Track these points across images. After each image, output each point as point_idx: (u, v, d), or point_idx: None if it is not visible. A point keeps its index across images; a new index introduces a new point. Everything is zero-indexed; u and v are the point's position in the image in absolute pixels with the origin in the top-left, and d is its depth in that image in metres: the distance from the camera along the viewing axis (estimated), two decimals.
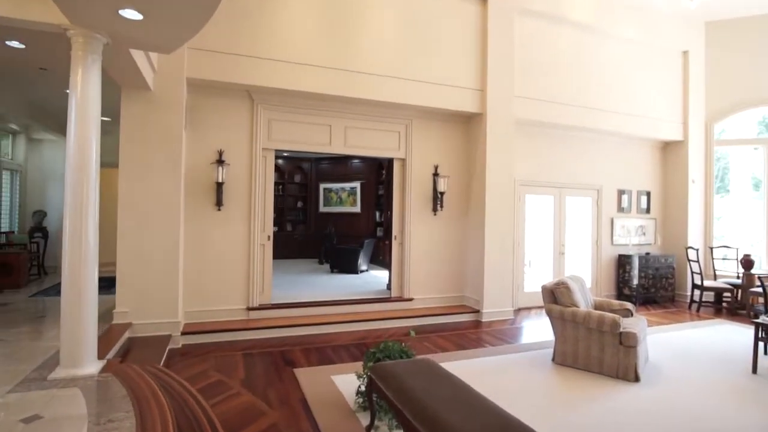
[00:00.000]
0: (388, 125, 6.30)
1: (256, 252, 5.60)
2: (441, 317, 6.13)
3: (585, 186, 7.73)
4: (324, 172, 12.03)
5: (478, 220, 6.43)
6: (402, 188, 6.45)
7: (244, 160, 5.55)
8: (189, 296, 5.28)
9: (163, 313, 4.79)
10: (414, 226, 6.41)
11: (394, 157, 6.41)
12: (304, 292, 7.00)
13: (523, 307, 7.08)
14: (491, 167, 6.31)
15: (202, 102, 5.37)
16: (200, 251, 5.35)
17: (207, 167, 5.32)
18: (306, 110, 5.82)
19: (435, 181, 6.49)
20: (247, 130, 5.57)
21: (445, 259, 6.62)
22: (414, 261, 6.41)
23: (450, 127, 6.66)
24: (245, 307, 5.53)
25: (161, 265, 4.77)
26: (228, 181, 5.43)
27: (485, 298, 6.27)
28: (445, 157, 6.61)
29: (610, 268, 7.98)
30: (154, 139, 4.77)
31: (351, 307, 6.01)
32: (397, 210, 6.46)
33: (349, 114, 6.04)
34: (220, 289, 5.43)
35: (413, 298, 6.36)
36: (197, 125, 5.34)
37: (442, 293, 6.60)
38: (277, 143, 5.74)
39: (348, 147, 6.10)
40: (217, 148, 5.40)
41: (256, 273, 5.60)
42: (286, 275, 8.81)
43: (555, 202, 7.51)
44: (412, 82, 5.94)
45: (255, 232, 5.57)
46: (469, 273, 6.62)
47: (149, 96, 4.75)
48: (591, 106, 7.20)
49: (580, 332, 4.28)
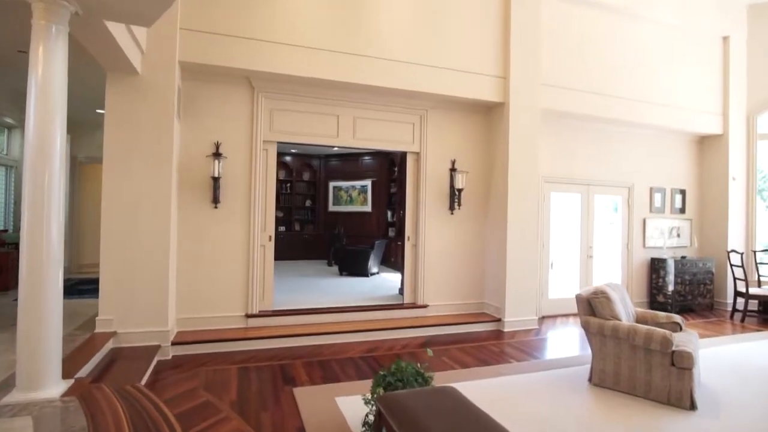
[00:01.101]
0: (401, 116, 5.77)
1: (257, 254, 5.11)
2: (459, 326, 5.58)
3: (615, 183, 7.11)
4: (333, 170, 11.54)
5: (499, 219, 5.86)
6: (416, 185, 5.92)
7: (244, 153, 5.07)
8: (182, 302, 4.82)
9: (152, 322, 4.32)
10: (429, 226, 5.87)
11: (407, 151, 5.87)
12: (309, 296, 6.51)
13: (547, 315, 6.50)
14: (514, 162, 5.74)
15: (198, 89, 4.91)
16: (195, 253, 4.88)
17: (202, 161, 4.85)
18: (311, 99, 5.32)
19: (452, 177, 5.94)
20: (247, 121, 5.09)
21: (462, 263, 6.07)
22: (429, 264, 5.87)
23: (469, 119, 6.11)
24: (244, 314, 5.05)
25: (150, 268, 4.31)
26: (226, 177, 4.95)
27: (507, 306, 5.70)
28: (463, 151, 6.06)
29: (641, 272, 7.34)
30: (143, 129, 4.31)
31: (360, 315, 5.49)
32: (411, 208, 5.93)
33: (358, 103, 5.53)
34: (217, 294, 4.96)
35: (428, 305, 5.82)
36: (192, 115, 4.88)
37: (460, 300, 6.04)
38: (279, 135, 5.25)
39: (357, 139, 5.59)
40: (213, 140, 4.93)
41: (256, 277, 5.11)
42: (292, 278, 8.34)
43: (582, 200, 6.90)
44: (427, 68, 5.40)
45: (255, 232, 5.09)
46: (489, 278, 6.06)
47: (137, 81, 4.29)
48: (622, 95, 6.58)
49: (623, 349, 3.70)
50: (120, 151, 4.26)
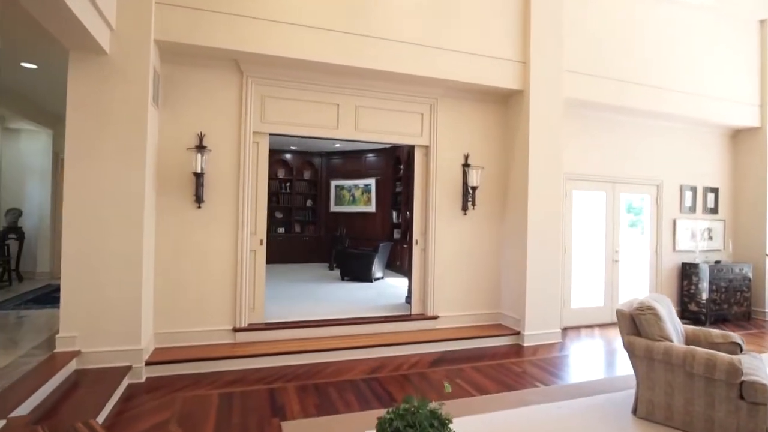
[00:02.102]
0: (409, 105, 5.17)
1: (246, 260, 4.53)
2: (473, 341, 4.97)
3: (642, 181, 6.48)
4: (336, 168, 10.96)
5: (518, 221, 5.25)
6: (425, 182, 5.32)
7: (231, 146, 4.50)
8: (160, 315, 4.25)
9: (122, 339, 3.75)
10: (439, 229, 5.27)
11: (415, 145, 5.28)
12: (307, 306, 5.92)
13: (570, 327, 5.87)
14: (535, 157, 5.13)
15: (179, 74, 4.33)
16: (175, 259, 4.31)
17: (183, 155, 4.27)
18: (308, 85, 4.74)
19: (465, 174, 5.34)
20: (235, 110, 4.51)
21: (476, 269, 5.46)
22: (439, 270, 5.27)
23: (484, 108, 5.50)
24: (231, 327, 4.47)
25: (120, 277, 3.74)
26: (211, 173, 4.38)
27: (528, 317, 5.09)
28: (477, 145, 5.46)
29: (671, 279, 6.70)
30: (112, 118, 3.74)
31: (363, 328, 4.89)
32: (419, 209, 5.33)
33: (360, 90, 4.94)
34: (200, 306, 4.38)
35: (438, 316, 5.22)
36: (172, 103, 4.31)
37: (474, 310, 5.44)
38: (271, 126, 4.67)
39: (360, 131, 5.00)
40: (196, 130, 4.35)
41: (246, 285, 4.53)
42: (289, 284, 7.76)
43: (607, 199, 6.28)
44: (438, 50, 4.80)
45: (244, 236, 4.51)
46: (507, 286, 5.45)
47: (105, 62, 3.72)
48: (650, 83, 5.93)
49: (677, 377, 3.08)
50: (85, 143, 3.69)
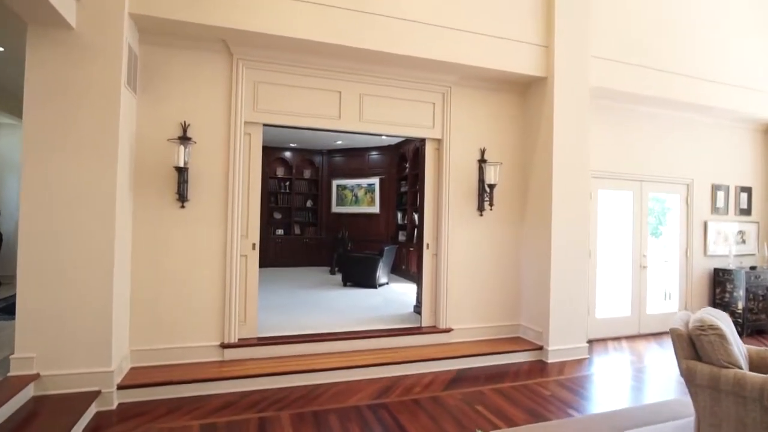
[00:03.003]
0: (419, 94, 4.65)
1: (236, 266, 4.01)
2: (492, 357, 4.43)
3: (671, 179, 5.94)
4: (337, 167, 10.44)
5: (540, 223, 4.72)
6: (437, 180, 4.79)
7: (220, 137, 3.98)
8: (138, 330, 3.73)
9: (90, 360, 3.23)
10: (453, 231, 4.74)
11: (426, 138, 4.75)
12: (306, 316, 5.39)
13: (595, 339, 5.33)
14: (560, 152, 4.60)
15: (160, 56, 3.82)
16: (154, 265, 3.79)
17: (164, 147, 3.76)
18: (306, 70, 4.22)
19: (481, 171, 4.81)
20: (224, 97, 4.00)
21: (494, 277, 4.93)
22: (453, 278, 4.74)
23: (501, 98, 4.97)
24: (218, 343, 3.94)
25: (87, 287, 3.22)
26: (196, 167, 3.86)
27: (552, 331, 4.55)
28: (494, 139, 4.93)
29: (702, 286, 6.16)
30: (79, 104, 3.22)
31: (368, 343, 4.36)
32: (430, 209, 4.80)
33: (365, 77, 4.42)
34: (184, 319, 3.86)
35: (452, 329, 4.68)
36: (152, 89, 3.79)
37: (490, 322, 4.91)
38: (265, 115, 4.15)
39: (364, 122, 4.47)
40: (179, 120, 3.84)
41: (236, 295, 4.01)
42: (287, 290, 7.23)
43: (635, 199, 5.74)
44: (452, 31, 4.28)
45: (234, 239, 3.99)
46: (527, 295, 4.92)
47: (70, 38, 3.21)
48: (683, 72, 5.39)
49: (751, 413, 2.54)
50: (46, 133, 3.17)
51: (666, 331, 5.86)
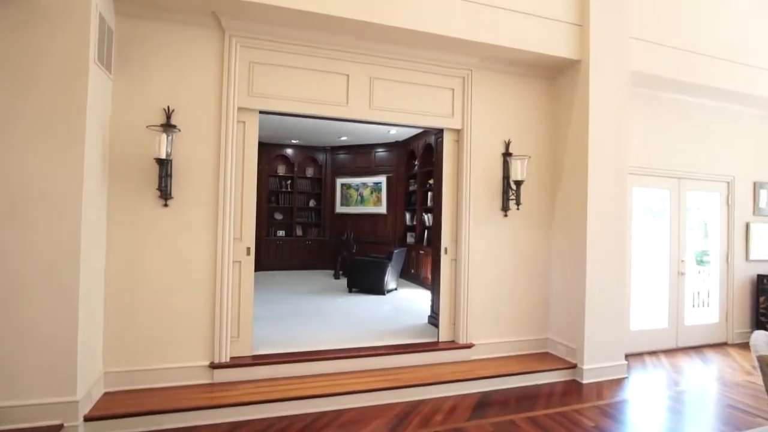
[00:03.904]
0: (437, 78, 4.12)
1: (228, 274, 3.48)
2: (519, 378, 3.89)
3: (710, 176, 5.38)
4: (342, 165, 9.90)
5: (573, 225, 4.17)
6: (456, 175, 4.25)
7: (209, 125, 3.45)
8: (113, 349, 3.20)
9: (51, 387, 2.70)
10: (474, 234, 4.20)
11: (444, 128, 4.21)
12: (308, 328, 4.86)
13: (630, 354, 4.77)
14: (596, 145, 4.05)
15: (140, 31, 3.30)
16: (132, 274, 3.26)
17: (145, 135, 3.23)
18: (309, 49, 3.69)
19: (506, 165, 4.27)
20: (214, 79, 3.47)
21: (519, 284, 4.39)
22: (475, 287, 4.20)
23: (528, 84, 4.43)
24: (207, 363, 3.41)
25: (47, 300, 2.70)
26: (181, 160, 3.34)
27: (587, 346, 4.00)
28: (520, 130, 4.39)
29: (743, 293, 5.59)
30: (37, 83, 2.70)
31: (380, 361, 3.83)
32: (449, 209, 4.26)
33: (376, 57, 3.88)
34: (167, 335, 3.33)
35: (473, 344, 4.14)
36: (131, 68, 3.27)
37: (515, 336, 4.36)
38: (262, 101, 3.62)
39: (375, 110, 3.94)
40: (162, 104, 3.31)
41: (228, 308, 3.48)
42: (287, 297, 6.70)
43: (671, 198, 5.19)
44: (474, 5, 3.74)
45: (226, 243, 3.46)
46: (558, 306, 4.37)
47: (27, 5, 2.69)
48: (728, 57, 4.83)
49: None
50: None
51: (706, 344, 5.31)
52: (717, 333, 5.40)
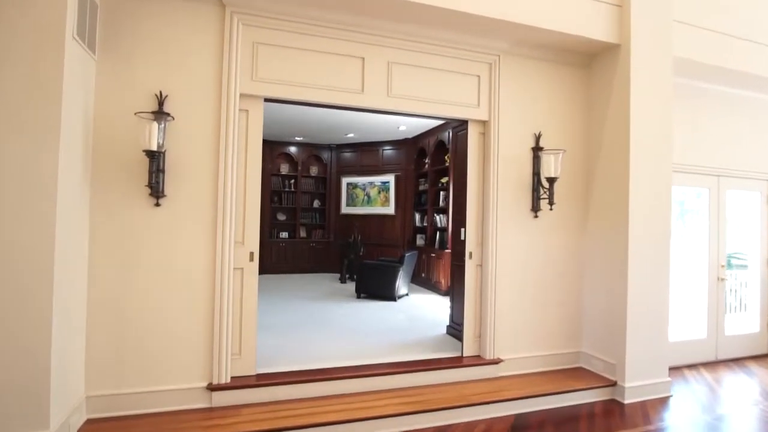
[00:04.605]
0: (462, 63, 3.71)
1: (229, 282, 3.07)
2: (555, 398, 3.47)
3: (749, 174, 4.96)
4: (348, 163, 9.50)
5: (612, 227, 3.76)
6: (481, 172, 3.84)
7: (207, 114, 3.04)
8: (97, 369, 2.79)
9: (19, 419, 2.29)
10: (502, 237, 3.79)
11: (469, 119, 3.80)
12: (315, 337, 4.45)
13: (670, 366, 4.34)
14: (639, 140, 3.64)
15: (129, 6, 2.89)
16: (120, 283, 2.85)
17: (134, 124, 2.82)
18: (321, 29, 3.28)
19: (536, 161, 3.86)
20: (213, 61, 3.06)
21: (550, 293, 3.97)
22: (503, 296, 3.78)
23: (560, 72, 4.02)
24: (205, 385, 3.00)
25: (10, 318, 2.29)
26: (176, 153, 2.94)
27: (629, 362, 3.59)
28: (551, 122, 3.98)
29: None
30: (4, 59, 2.30)
31: (398, 380, 3.41)
32: (474, 209, 3.85)
33: (395, 40, 3.47)
34: (159, 353, 2.92)
35: (501, 360, 3.73)
36: (118, 47, 2.86)
37: (546, 349, 3.95)
38: (267, 86, 3.20)
39: (393, 98, 3.52)
40: (153, 89, 2.91)
41: (228, 321, 3.07)
42: (291, 302, 6.29)
43: (710, 197, 4.77)
44: None
45: (227, 247, 3.05)
46: (592, 316, 3.96)
47: None
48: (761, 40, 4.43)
49: None
50: None
51: (748, 356, 4.89)
52: (759, 343, 4.99)
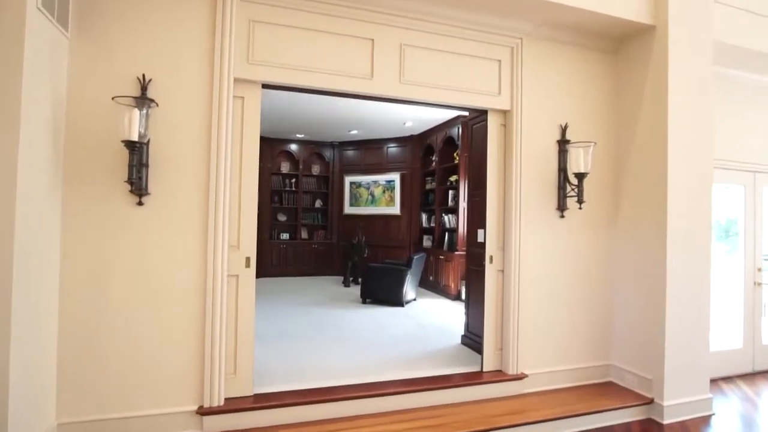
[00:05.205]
0: (482, 47, 3.35)
1: (222, 292, 2.71)
2: (584, 419, 3.11)
3: None
4: (351, 161, 9.14)
5: (647, 228, 3.39)
6: (503, 167, 3.48)
7: (197, 101, 2.69)
8: (70, 391, 2.44)
9: None
10: (526, 239, 3.43)
11: (489, 109, 3.44)
12: (318, 349, 4.09)
13: None
14: (677, 133, 3.27)
15: None
16: (97, 293, 2.50)
17: (112, 111, 2.47)
18: (325, 6, 2.92)
19: (562, 155, 3.51)
20: (204, 41, 2.71)
21: (578, 300, 3.61)
22: (527, 304, 3.42)
23: (586, 57, 3.66)
24: (195, 408, 2.64)
25: None
26: (160, 144, 2.58)
27: (667, 377, 3.23)
28: (578, 112, 3.62)
29: None
30: None
31: (412, 399, 3.05)
32: (494, 208, 3.49)
33: (408, 19, 3.12)
34: (142, 373, 2.57)
35: (525, 375, 3.36)
36: (95, 24, 2.51)
37: (573, 362, 3.58)
38: (265, 70, 2.85)
39: (406, 84, 3.16)
40: (135, 72, 2.55)
41: (222, 335, 2.71)
42: (292, 308, 5.93)
43: (746, 196, 4.41)
44: None
45: (219, 251, 2.69)
46: (623, 326, 3.59)
47: None
48: None
49: None
50: None
51: None
52: None
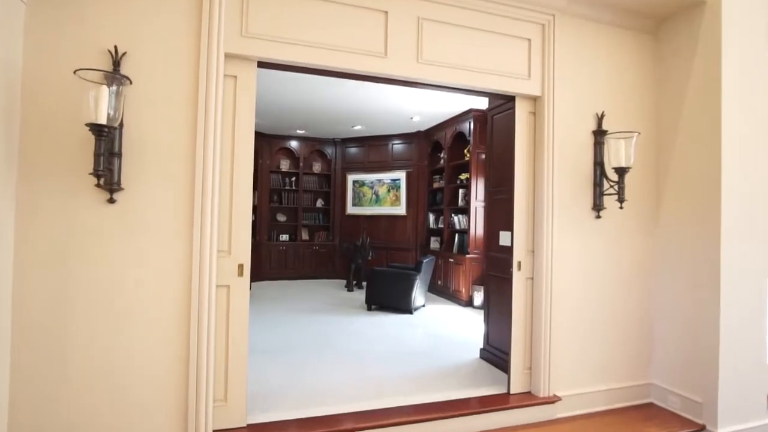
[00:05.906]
0: (509, 23, 2.94)
1: (210, 305, 2.29)
2: None
3: None
4: (354, 159, 8.73)
5: (697, 228, 2.98)
6: (532, 161, 3.08)
7: (181, 80, 2.28)
8: (26, 426, 2.02)
9: None
10: (558, 243, 3.02)
11: (517, 94, 3.03)
12: (320, 366, 3.68)
13: None
14: (733, 122, 2.86)
15: None
16: (60, 310, 2.08)
17: (80, 90, 2.06)
18: None
19: (598, 147, 3.10)
20: (189, 10, 2.30)
21: (615, 313, 3.20)
22: (560, 316, 3.01)
23: (623, 37, 3.25)
24: None
25: None
26: (136, 130, 2.17)
27: (722, 400, 2.82)
28: (615, 100, 3.21)
29: None
30: None
31: (431, 428, 2.64)
32: (522, 207, 3.08)
33: None
34: (114, 404, 2.15)
35: (559, 398, 2.95)
36: None
37: (610, 382, 3.17)
38: (262, 45, 2.43)
39: (424, 64, 2.75)
40: (106, 44, 2.14)
41: (210, 356, 2.29)
42: (292, 316, 5.52)
43: None
44: None
45: (207, 258, 2.28)
46: (666, 341, 3.17)
47: None
48: None
49: None
50: None
51: None
52: None
